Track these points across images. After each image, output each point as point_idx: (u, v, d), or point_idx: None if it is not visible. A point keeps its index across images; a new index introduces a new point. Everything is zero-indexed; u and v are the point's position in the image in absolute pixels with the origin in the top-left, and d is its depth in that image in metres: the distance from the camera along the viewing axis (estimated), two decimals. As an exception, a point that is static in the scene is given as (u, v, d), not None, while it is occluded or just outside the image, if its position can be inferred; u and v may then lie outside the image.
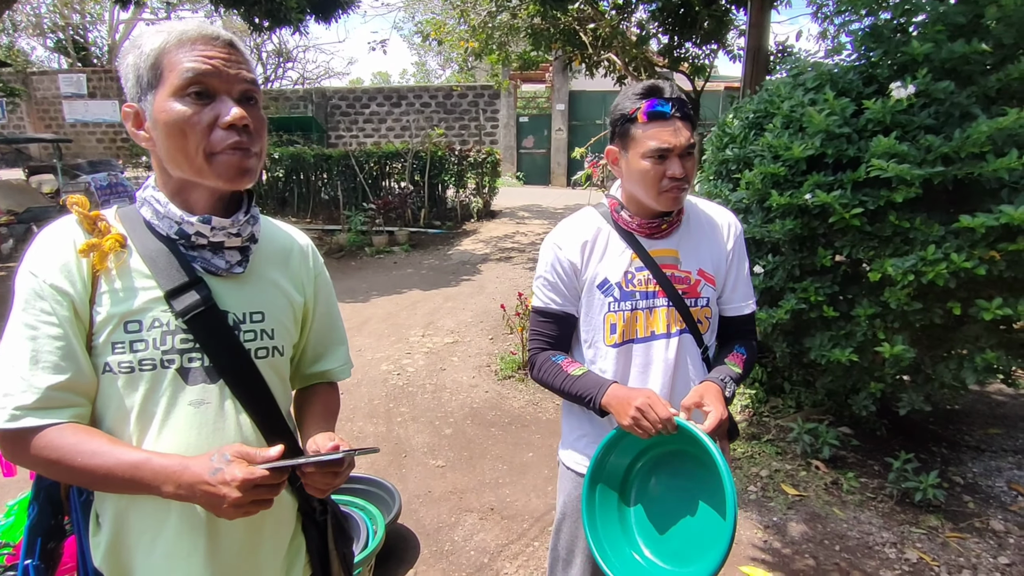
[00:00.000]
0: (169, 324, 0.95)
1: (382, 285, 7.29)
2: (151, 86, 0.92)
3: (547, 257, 1.46)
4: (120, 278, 0.94)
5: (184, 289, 0.95)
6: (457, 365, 4.76)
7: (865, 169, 2.44)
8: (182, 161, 0.92)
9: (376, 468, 3.31)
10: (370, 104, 17.69)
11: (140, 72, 0.92)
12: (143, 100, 0.93)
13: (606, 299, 1.42)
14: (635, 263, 1.42)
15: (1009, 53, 2.46)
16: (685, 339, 1.43)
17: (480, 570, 2.54)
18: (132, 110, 0.95)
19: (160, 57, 0.91)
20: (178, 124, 0.90)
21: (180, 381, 0.96)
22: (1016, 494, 2.93)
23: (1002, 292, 2.38)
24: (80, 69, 19.24)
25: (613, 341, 1.42)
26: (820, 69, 2.82)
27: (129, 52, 0.94)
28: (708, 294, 1.44)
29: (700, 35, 8.40)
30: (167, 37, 0.91)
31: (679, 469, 1.32)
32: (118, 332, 0.93)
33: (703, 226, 1.47)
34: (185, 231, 0.97)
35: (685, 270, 1.43)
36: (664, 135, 1.30)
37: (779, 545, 2.67)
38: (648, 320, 1.42)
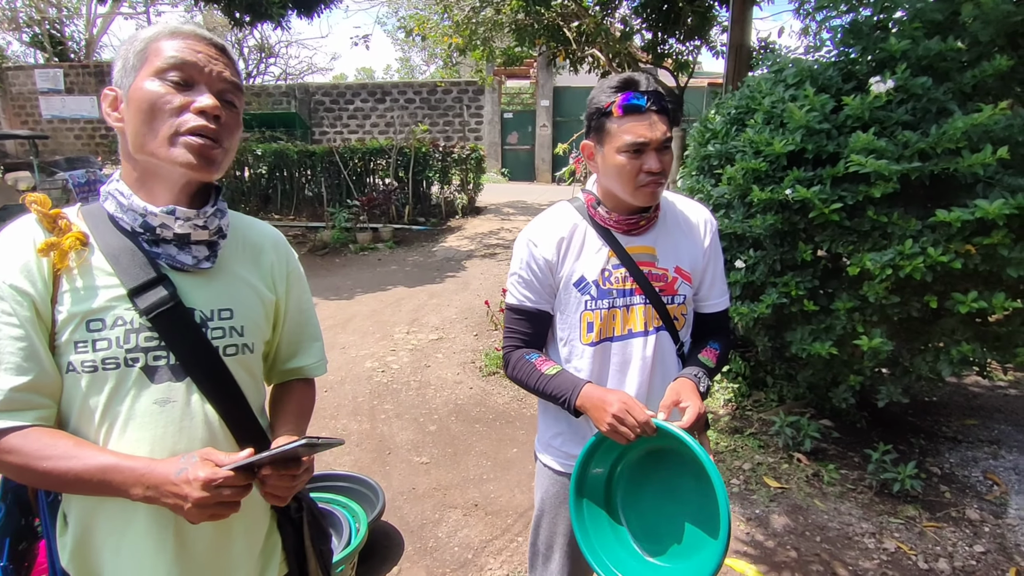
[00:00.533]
0: (133, 322, 0.93)
1: (366, 282, 7.26)
2: (134, 68, 0.93)
3: (521, 254, 1.44)
4: (81, 276, 0.93)
5: (148, 287, 0.94)
6: (442, 362, 4.75)
7: (844, 165, 2.47)
8: (149, 140, 0.91)
9: (360, 465, 3.30)
10: (354, 100, 17.56)
11: (128, 57, 0.93)
12: (124, 85, 0.94)
13: (583, 297, 1.40)
14: (612, 260, 1.40)
15: (985, 50, 2.49)
16: (662, 337, 1.42)
17: (464, 566, 2.55)
18: (113, 93, 0.96)
19: (149, 44, 0.93)
20: (149, 101, 0.90)
21: (145, 379, 0.94)
22: (991, 484, 2.99)
23: (977, 285, 2.42)
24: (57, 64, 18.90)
25: (590, 340, 1.41)
26: (800, 65, 2.84)
27: (126, 43, 0.96)
28: (685, 292, 1.43)
29: (683, 31, 8.44)
30: (161, 29, 0.94)
31: (662, 467, 1.32)
32: (80, 331, 0.91)
33: (680, 223, 1.46)
34: (149, 223, 0.95)
35: (662, 267, 1.41)
36: (640, 129, 1.28)
37: (762, 537, 2.70)
38: (625, 318, 1.40)
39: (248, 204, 10.88)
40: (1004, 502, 2.84)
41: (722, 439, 3.46)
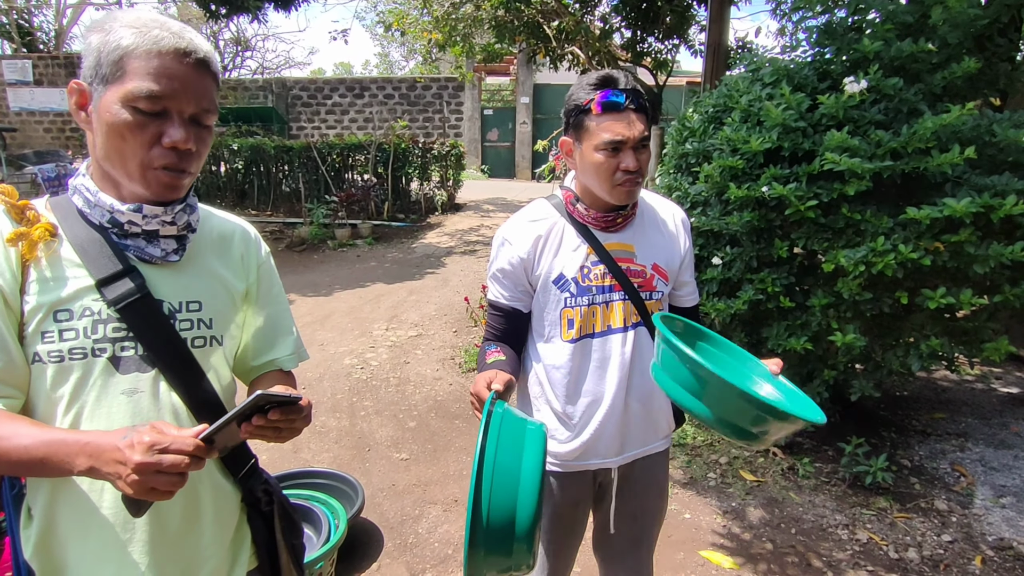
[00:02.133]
0: (100, 312, 0.94)
1: (345, 279, 7.20)
2: (105, 79, 0.90)
3: (497, 252, 1.46)
4: (50, 267, 0.93)
5: (116, 278, 0.94)
6: (421, 358, 4.74)
7: (819, 163, 2.51)
8: (116, 162, 0.92)
9: (339, 462, 3.28)
10: (332, 95, 17.40)
11: (100, 60, 0.90)
12: (94, 86, 0.92)
13: (562, 294, 1.40)
14: (591, 257, 1.41)
15: (954, 52, 2.56)
16: (640, 332, 1.44)
17: (444, 562, 2.55)
18: (79, 88, 0.93)
19: (126, 58, 0.89)
20: (119, 129, 0.89)
21: (112, 370, 0.94)
22: (959, 475, 3.07)
23: (946, 282, 2.49)
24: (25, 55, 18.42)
25: (570, 336, 1.42)
26: (777, 65, 2.88)
27: (96, 32, 0.92)
28: (662, 288, 1.45)
29: (662, 30, 8.51)
30: (140, 40, 0.89)
31: None
32: (47, 321, 0.91)
33: (657, 221, 1.48)
34: (117, 220, 0.95)
35: (640, 264, 1.43)
36: (618, 127, 1.29)
37: (738, 530, 2.74)
38: (605, 314, 1.42)
39: (224, 199, 10.73)
40: (971, 493, 2.92)
41: (699, 433, 3.51)
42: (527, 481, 1.04)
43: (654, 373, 1.25)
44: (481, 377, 1.25)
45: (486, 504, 1.01)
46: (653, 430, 1.53)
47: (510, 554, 1.05)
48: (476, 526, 1.01)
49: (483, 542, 1.02)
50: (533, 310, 1.48)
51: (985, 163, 2.46)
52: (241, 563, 1.12)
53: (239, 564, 1.12)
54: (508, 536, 1.03)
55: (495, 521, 1.02)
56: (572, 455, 1.47)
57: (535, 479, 1.05)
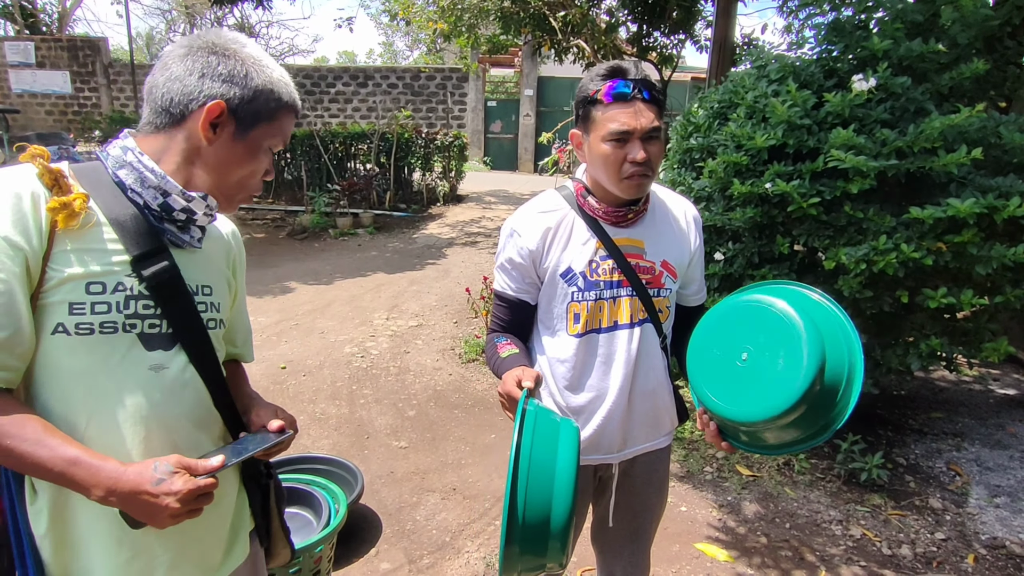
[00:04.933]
0: (132, 288, 0.94)
1: (346, 267, 7.21)
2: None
3: (505, 243, 1.44)
4: (84, 239, 0.91)
5: (152, 255, 0.95)
6: (421, 348, 4.75)
7: (824, 160, 2.51)
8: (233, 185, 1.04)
9: (339, 449, 3.30)
10: (336, 83, 17.33)
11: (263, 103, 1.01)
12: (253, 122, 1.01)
13: (569, 288, 1.39)
14: (600, 252, 1.38)
15: (963, 53, 2.56)
16: (647, 329, 1.42)
17: (441, 548, 2.57)
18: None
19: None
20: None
21: (140, 346, 0.95)
22: (954, 474, 3.09)
23: (947, 282, 2.50)
24: (28, 37, 18.33)
25: (576, 331, 1.40)
26: (783, 62, 2.88)
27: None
28: (670, 285, 1.43)
29: (668, 25, 8.47)
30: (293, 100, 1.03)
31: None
32: (77, 292, 0.90)
33: (668, 218, 1.46)
34: (170, 204, 0.97)
35: (649, 260, 1.41)
36: (624, 117, 1.26)
37: (733, 524, 2.76)
38: (612, 310, 1.40)
39: (226, 186, 10.71)
40: (965, 492, 2.94)
41: (696, 428, 3.52)
42: (562, 478, 1.04)
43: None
44: (509, 375, 1.25)
45: (522, 502, 1.01)
46: (656, 427, 1.52)
47: (545, 552, 1.05)
48: (512, 524, 1.01)
49: (519, 540, 1.02)
50: (540, 302, 1.46)
51: (990, 164, 2.47)
52: (244, 526, 1.18)
53: (243, 527, 1.17)
54: (543, 534, 1.03)
55: (531, 519, 1.02)
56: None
57: (570, 476, 1.05)
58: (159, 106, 0.96)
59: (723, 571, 2.47)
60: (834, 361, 1.05)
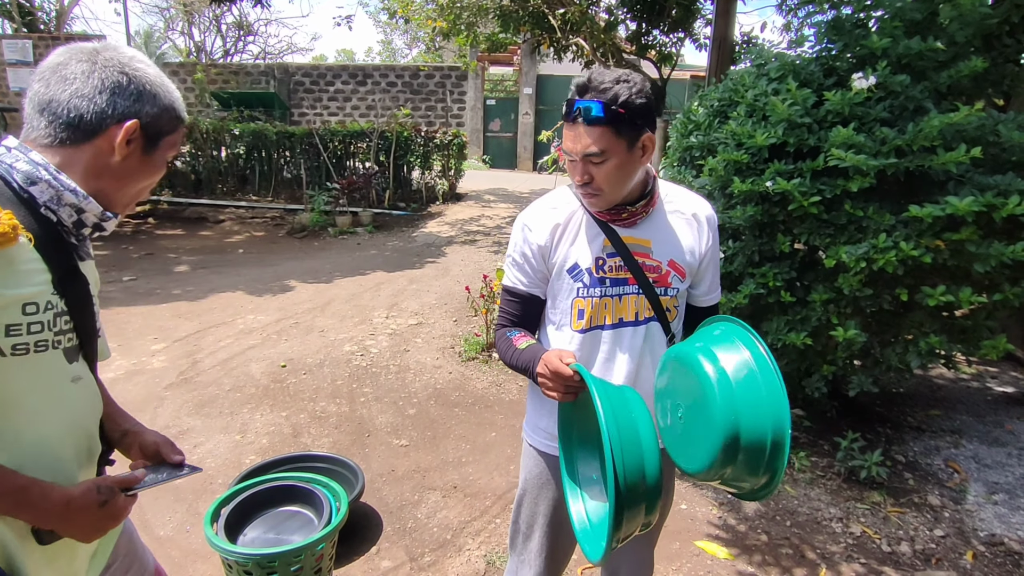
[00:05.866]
0: (58, 306, 0.95)
1: (345, 266, 7.21)
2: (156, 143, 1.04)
3: (516, 237, 1.45)
4: (14, 259, 0.88)
5: (72, 274, 0.98)
6: (421, 346, 4.75)
7: (824, 158, 2.52)
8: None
9: (339, 447, 3.31)
10: (335, 82, 17.31)
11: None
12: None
13: (575, 284, 1.40)
14: (607, 249, 1.39)
15: (961, 51, 2.56)
16: (652, 327, 1.42)
17: (443, 546, 2.58)
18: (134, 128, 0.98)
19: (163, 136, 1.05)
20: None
21: (63, 360, 0.98)
22: (952, 471, 3.10)
23: (946, 280, 2.50)
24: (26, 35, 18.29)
25: (580, 327, 1.41)
26: (783, 60, 2.88)
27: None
28: (677, 285, 1.43)
29: (668, 23, 8.47)
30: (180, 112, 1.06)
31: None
32: (15, 315, 0.88)
33: (680, 218, 1.44)
34: (84, 221, 0.98)
35: (656, 259, 1.40)
36: (568, 139, 1.28)
37: (734, 521, 2.77)
38: (617, 307, 1.40)
39: (225, 184, 10.69)
40: (964, 489, 2.96)
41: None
42: (646, 433, 1.12)
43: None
44: (549, 355, 1.26)
45: (620, 466, 1.06)
46: None
47: (646, 507, 1.12)
48: (618, 490, 1.05)
49: (626, 503, 1.07)
50: (548, 297, 1.47)
51: (988, 162, 2.48)
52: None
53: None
54: (642, 491, 1.09)
55: (631, 479, 1.07)
56: None
57: (651, 429, 1.13)
58: (64, 121, 0.95)
59: (723, 569, 2.48)
60: (753, 426, 1.09)
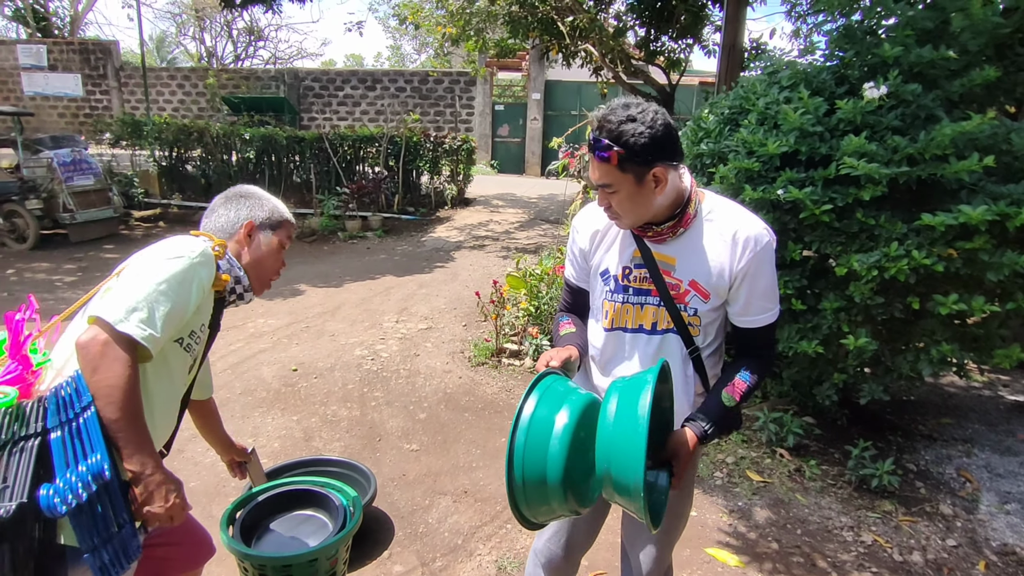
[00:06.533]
0: (203, 330, 1.52)
1: (355, 270, 7.25)
2: (274, 228, 1.64)
3: (570, 236, 1.63)
4: (211, 301, 1.51)
5: (217, 318, 1.59)
6: (431, 351, 4.77)
7: (836, 167, 2.52)
8: (260, 275, 1.66)
9: (350, 452, 3.33)
10: (344, 87, 17.42)
11: (272, 216, 1.65)
12: (263, 229, 1.63)
13: (604, 287, 1.53)
14: (636, 260, 1.48)
15: (973, 60, 2.56)
16: (670, 338, 1.49)
17: (454, 551, 2.59)
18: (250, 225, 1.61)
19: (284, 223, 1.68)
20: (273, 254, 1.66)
21: (191, 361, 1.49)
22: (964, 481, 3.09)
23: (958, 288, 2.50)
24: (40, 40, 18.51)
25: (606, 325, 1.55)
26: (795, 68, 2.89)
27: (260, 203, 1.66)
28: (696, 304, 1.45)
29: (676, 29, 8.49)
30: (287, 217, 1.70)
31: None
32: (197, 328, 1.46)
33: (715, 239, 1.43)
34: (236, 289, 1.59)
35: (677, 278, 1.45)
36: (591, 167, 1.38)
37: (744, 529, 2.77)
38: (638, 315, 1.50)
39: (235, 189, 10.76)
40: (976, 498, 2.94)
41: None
42: (558, 443, 1.20)
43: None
44: (550, 352, 1.43)
45: (520, 450, 1.21)
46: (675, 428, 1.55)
47: (547, 498, 1.22)
48: (511, 468, 1.21)
49: (520, 488, 1.21)
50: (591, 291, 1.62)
51: (1001, 171, 2.47)
52: None
53: None
54: (542, 482, 1.20)
55: (529, 468, 1.20)
56: None
57: (564, 440, 1.20)
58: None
59: (734, 576, 2.48)
60: (618, 472, 1.15)
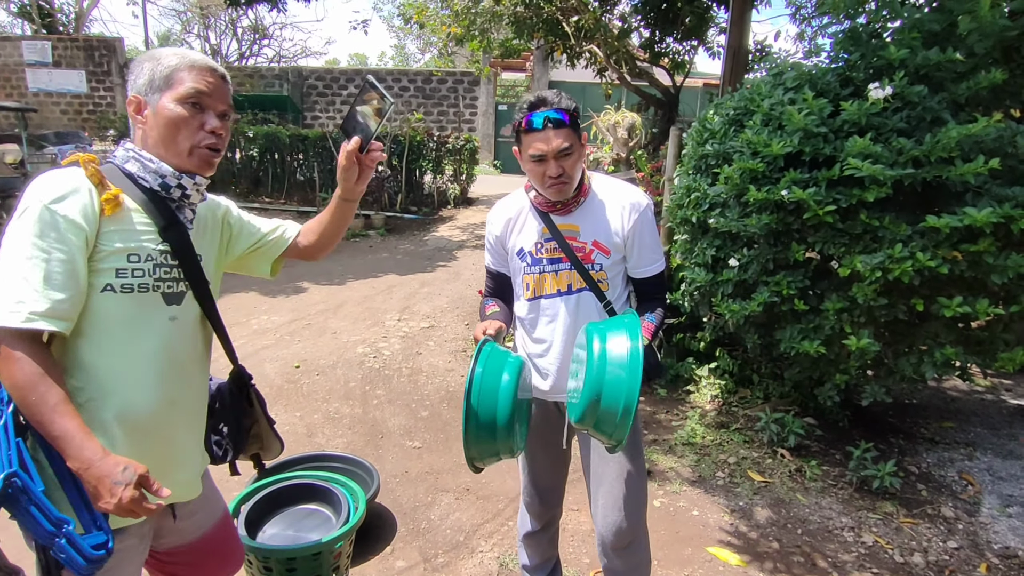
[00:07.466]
0: (158, 258, 1.25)
1: (358, 269, 7.26)
2: (159, 88, 1.24)
3: (486, 230, 1.86)
4: (122, 221, 1.21)
5: (172, 225, 1.26)
6: (433, 349, 4.78)
7: (840, 168, 2.53)
8: (171, 146, 1.24)
9: (353, 448, 3.33)
10: (348, 86, 17.43)
11: (154, 77, 1.24)
12: (148, 96, 1.24)
13: (521, 263, 1.78)
14: (545, 235, 1.73)
15: (980, 62, 2.56)
16: (585, 296, 1.74)
17: (456, 548, 2.59)
18: (137, 100, 1.25)
19: (173, 72, 1.24)
20: (175, 121, 1.23)
21: (162, 302, 1.26)
22: (966, 484, 3.09)
23: (962, 291, 2.50)
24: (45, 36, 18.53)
25: (528, 296, 1.79)
26: (800, 70, 2.90)
27: (146, 60, 1.26)
28: (601, 261, 1.72)
29: (681, 31, 8.49)
30: (181, 60, 1.25)
31: None
32: (122, 261, 1.20)
33: (605, 204, 1.74)
34: (167, 183, 1.26)
35: (582, 241, 1.72)
36: (539, 144, 1.58)
37: (745, 528, 2.77)
38: (554, 280, 1.75)
39: (238, 186, 10.78)
40: (977, 501, 2.94)
41: (708, 433, 3.54)
42: (503, 392, 1.42)
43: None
44: (479, 326, 1.63)
45: (476, 403, 1.40)
46: None
47: (495, 441, 1.44)
48: (468, 418, 1.40)
49: (473, 432, 1.42)
50: (510, 275, 1.85)
51: (1006, 174, 2.48)
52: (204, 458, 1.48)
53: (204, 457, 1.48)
54: (492, 429, 1.42)
55: (482, 417, 1.41)
56: (538, 386, 1.83)
57: (509, 390, 1.42)
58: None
59: (735, 575, 2.48)
60: (609, 399, 1.37)
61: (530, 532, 2.03)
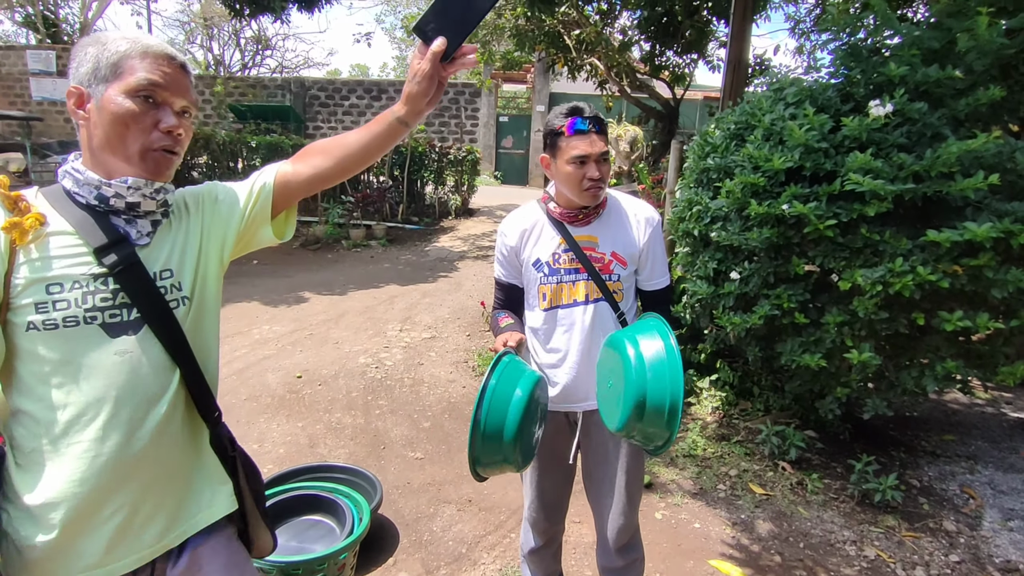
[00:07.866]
0: (88, 284, 1.04)
1: (359, 279, 7.27)
2: (106, 79, 1.05)
3: (497, 241, 1.87)
4: (39, 249, 1.02)
5: (112, 246, 1.06)
6: (435, 360, 4.79)
7: (841, 183, 2.55)
8: (117, 147, 1.05)
9: (355, 459, 3.34)
10: (350, 96, 17.54)
11: (99, 64, 1.05)
12: (92, 87, 1.06)
13: (538, 274, 1.80)
14: (562, 246, 1.77)
15: (979, 79, 2.60)
16: (601, 306, 1.77)
17: (458, 560, 2.59)
18: (78, 91, 1.06)
19: (123, 60, 1.05)
20: (124, 117, 1.04)
21: (103, 334, 1.05)
22: (968, 497, 3.09)
23: (963, 305, 2.52)
24: (49, 46, 18.66)
25: (544, 306, 1.81)
26: (800, 85, 2.93)
27: (91, 44, 1.07)
28: (619, 272, 1.77)
29: (681, 44, 8.57)
30: (133, 46, 1.06)
31: None
32: (39, 294, 1.01)
33: (621, 218, 1.80)
34: (104, 194, 1.06)
35: (601, 251, 1.76)
36: (583, 145, 1.64)
37: (747, 541, 2.77)
38: (570, 291, 1.77)
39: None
40: (979, 515, 2.95)
41: (709, 446, 3.54)
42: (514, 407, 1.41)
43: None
44: (500, 337, 1.65)
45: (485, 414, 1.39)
46: None
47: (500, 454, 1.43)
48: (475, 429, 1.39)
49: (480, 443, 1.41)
50: (523, 285, 1.86)
51: (1006, 189, 2.50)
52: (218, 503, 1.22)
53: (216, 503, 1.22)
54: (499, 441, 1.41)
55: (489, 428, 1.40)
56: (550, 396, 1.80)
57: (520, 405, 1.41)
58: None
59: (737, 588, 2.48)
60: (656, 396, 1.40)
61: (534, 549, 2.03)
